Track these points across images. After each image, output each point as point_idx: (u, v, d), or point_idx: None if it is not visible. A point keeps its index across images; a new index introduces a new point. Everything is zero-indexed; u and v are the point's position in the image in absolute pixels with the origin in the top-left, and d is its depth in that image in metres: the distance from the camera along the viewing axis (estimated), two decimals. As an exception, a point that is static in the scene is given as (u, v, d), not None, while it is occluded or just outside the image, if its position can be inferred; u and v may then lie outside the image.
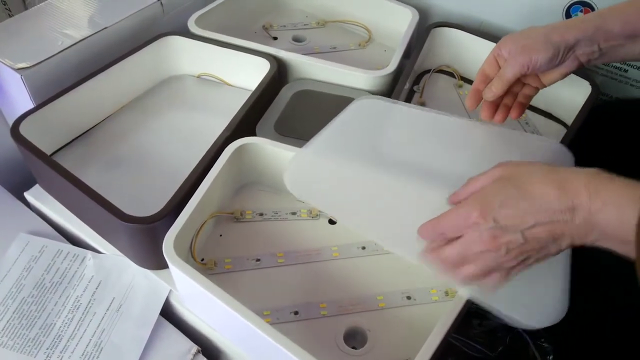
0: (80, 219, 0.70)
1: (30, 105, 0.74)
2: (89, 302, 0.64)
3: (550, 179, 0.41)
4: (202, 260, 0.63)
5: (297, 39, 0.96)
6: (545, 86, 0.61)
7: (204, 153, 0.65)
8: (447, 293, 0.61)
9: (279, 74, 0.80)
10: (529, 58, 0.56)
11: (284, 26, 0.99)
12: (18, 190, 0.76)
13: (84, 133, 0.78)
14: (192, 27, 0.84)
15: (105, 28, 0.80)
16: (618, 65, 0.82)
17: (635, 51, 0.56)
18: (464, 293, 0.52)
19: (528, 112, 0.82)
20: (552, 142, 0.63)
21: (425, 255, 0.47)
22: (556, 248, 0.42)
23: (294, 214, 0.68)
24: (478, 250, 0.43)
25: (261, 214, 0.68)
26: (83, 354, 0.60)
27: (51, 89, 0.73)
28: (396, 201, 0.56)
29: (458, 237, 0.44)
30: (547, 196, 0.40)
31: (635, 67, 0.81)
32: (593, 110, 0.73)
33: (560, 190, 0.40)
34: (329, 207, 0.56)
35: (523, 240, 0.41)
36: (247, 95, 0.74)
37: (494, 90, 0.59)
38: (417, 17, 0.88)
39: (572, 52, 0.56)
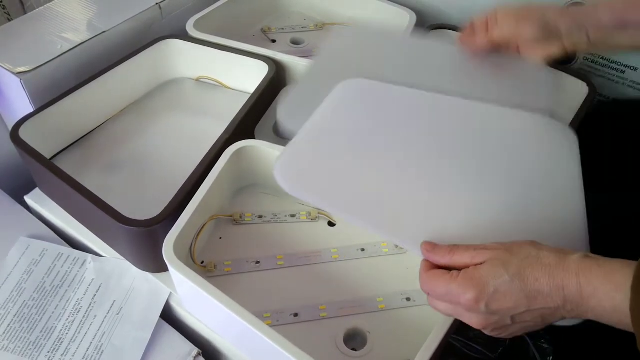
0: (81, 222, 0.70)
1: (29, 109, 0.74)
2: (90, 305, 0.65)
3: (542, 268, 0.41)
4: (202, 262, 0.63)
5: (295, 42, 0.96)
6: None
7: (203, 156, 0.65)
8: (446, 294, 0.61)
9: (278, 77, 0.80)
10: (519, 26, 0.59)
11: (282, 29, 0.99)
12: (18, 194, 0.76)
13: (83, 136, 0.78)
14: (191, 31, 0.85)
15: (104, 32, 0.80)
16: (615, 66, 0.82)
17: (623, 41, 0.57)
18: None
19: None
20: (549, 120, 0.63)
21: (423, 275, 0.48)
22: (543, 325, 0.44)
23: (293, 216, 0.68)
24: (467, 320, 0.45)
25: (260, 217, 0.68)
26: (84, 357, 0.60)
27: (50, 92, 0.73)
28: (396, 190, 0.54)
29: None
30: (539, 285, 0.41)
31: (632, 68, 0.81)
32: (590, 111, 0.74)
33: (551, 279, 0.41)
34: (323, 202, 0.54)
35: (511, 322, 0.43)
36: (246, 98, 0.74)
37: (477, 43, 0.62)
38: (414, 19, 0.88)
39: (560, 37, 0.58)
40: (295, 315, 0.59)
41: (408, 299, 0.61)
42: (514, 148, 0.58)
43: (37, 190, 0.75)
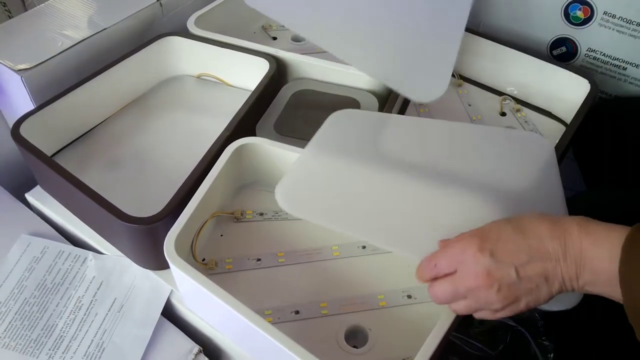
0: (82, 219, 0.70)
1: (30, 106, 0.74)
2: (91, 302, 0.65)
3: (544, 219, 0.42)
4: (203, 260, 0.63)
5: (296, 39, 0.96)
6: None
7: (204, 153, 0.65)
8: (447, 292, 0.61)
9: (279, 74, 0.80)
10: None
11: (283, 26, 0.99)
12: (19, 192, 0.76)
13: (84, 134, 0.78)
14: (192, 28, 0.85)
15: (105, 29, 0.80)
16: (617, 63, 0.82)
17: None
18: None
19: (527, 111, 0.82)
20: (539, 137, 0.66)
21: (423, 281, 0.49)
22: (547, 291, 0.42)
23: (294, 213, 0.68)
24: (470, 287, 0.44)
25: (262, 214, 0.68)
26: (85, 355, 0.60)
27: (51, 90, 0.73)
28: (396, 204, 0.57)
29: (452, 273, 0.45)
30: (541, 234, 0.41)
31: (634, 65, 0.81)
32: (592, 108, 0.74)
33: (553, 228, 0.41)
34: (325, 220, 0.56)
35: (516, 277, 0.42)
36: (247, 95, 0.74)
37: None
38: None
39: None
40: (297, 312, 0.59)
41: (409, 296, 0.61)
42: (498, 161, 0.61)
43: (38, 188, 0.75)
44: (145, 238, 0.60)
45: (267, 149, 0.66)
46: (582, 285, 0.41)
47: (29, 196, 0.74)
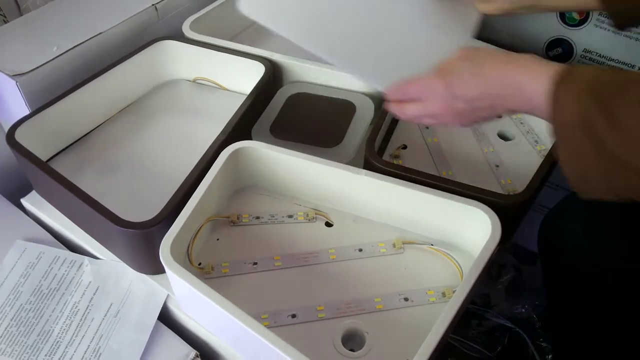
0: (77, 224, 0.70)
1: (25, 111, 0.74)
2: (87, 308, 0.64)
3: (498, 63, 0.50)
4: (200, 264, 0.63)
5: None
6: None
7: (199, 157, 0.65)
8: (444, 294, 0.61)
9: (274, 77, 0.80)
10: None
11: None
12: (14, 197, 0.76)
13: (79, 139, 0.78)
14: (187, 32, 0.85)
15: (100, 33, 0.80)
16: (613, 64, 0.82)
17: (555, 2, 0.67)
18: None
19: (523, 112, 0.82)
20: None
21: (390, 106, 0.58)
22: (493, 115, 0.53)
23: (290, 217, 0.68)
24: (434, 113, 0.55)
25: (258, 218, 0.68)
26: (81, 360, 0.60)
27: (47, 95, 0.73)
28: (366, 32, 0.60)
29: (417, 100, 0.56)
30: (493, 73, 0.50)
31: (629, 65, 0.81)
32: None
33: (504, 67, 0.50)
34: (288, 31, 0.57)
35: (469, 108, 0.52)
36: (243, 98, 0.74)
37: None
38: None
39: None
40: (293, 316, 0.59)
41: (406, 299, 0.61)
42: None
43: (33, 193, 0.74)
44: (141, 243, 0.60)
45: (263, 153, 0.66)
46: (520, 111, 0.51)
47: (24, 201, 0.74)
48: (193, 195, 0.60)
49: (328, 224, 0.68)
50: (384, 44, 0.62)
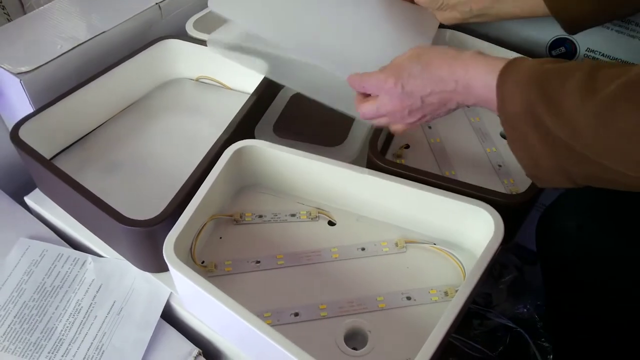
0: (81, 222, 0.70)
1: (29, 109, 0.74)
2: (90, 305, 0.65)
3: (445, 59, 0.52)
4: (203, 262, 0.63)
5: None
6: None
7: (203, 156, 0.65)
8: (446, 293, 0.61)
9: (277, 76, 0.80)
10: None
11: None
12: (18, 195, 0.76)
13: (83, 137, 0.78)
14: (190, 30, 0.85)
15: (104, 32, 0.80)
16: (615, 64, 0.82)
17: (505, 11, 0.71)
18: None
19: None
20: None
21: (355, 105, 0.60)
22: (445, 110, 0.55)
23: (293, 215, 0.68)
24: (389, 110, 0.56)
25: (261, 216, 0.68)
26: (84, 358, 0.60)
27: (50, 93, 0.73)
28: (330, 25, 0.63)
29: (374, 96, 0.58)
30: (441, 72, 0.52)
31: (632, 64, 0.81)
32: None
33: (452, 63, 0.52)
34: (255, 25, 0.59)
35: (421, 104, 0.54)
36: (246, 97, 0.74)
37: None
38: None
39: (453, 7, 0.73)
40: (296, 314, 0.59)
41: (408, 298, 0.61)
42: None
43: (37, 191, 0.75)
44: (145, 241, 0.60)
45: (266, 151, 0.66)
46: (472, 105, 0.53)
47: (28, 199, 0.74)
48: (196, 194, 0.60)
49: (331, 223, 0.68)
50: (346, 37, 0.65)
